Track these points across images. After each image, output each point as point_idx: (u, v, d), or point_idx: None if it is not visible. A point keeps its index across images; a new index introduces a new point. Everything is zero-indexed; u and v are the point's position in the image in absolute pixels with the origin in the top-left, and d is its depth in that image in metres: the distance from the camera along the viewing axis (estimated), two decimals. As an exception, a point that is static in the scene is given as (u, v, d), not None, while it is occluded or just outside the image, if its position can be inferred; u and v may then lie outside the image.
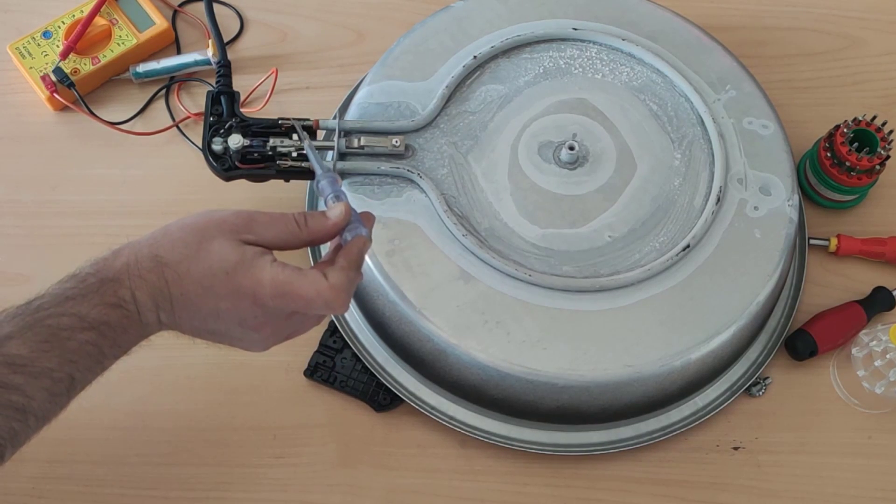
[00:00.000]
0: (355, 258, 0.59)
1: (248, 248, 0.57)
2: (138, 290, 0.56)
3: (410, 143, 0.76)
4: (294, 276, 0.56)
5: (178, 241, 0.57)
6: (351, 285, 0.58)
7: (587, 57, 0.81)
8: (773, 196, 0.76)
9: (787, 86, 0.91)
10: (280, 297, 0.57)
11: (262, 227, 0.58)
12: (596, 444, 0.75)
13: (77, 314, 0.55)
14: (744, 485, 0.76)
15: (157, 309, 0.57)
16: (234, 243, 0.57)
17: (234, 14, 0.93)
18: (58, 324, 0.55)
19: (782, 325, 0.80)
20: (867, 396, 0.77)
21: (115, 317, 0.56)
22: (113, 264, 0.57)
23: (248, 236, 0.57)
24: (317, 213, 0.60)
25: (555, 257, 0.73)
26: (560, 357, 0.69)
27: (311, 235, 0.60)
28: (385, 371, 0.76)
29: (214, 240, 0.57)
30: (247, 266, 0.56)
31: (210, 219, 0.58)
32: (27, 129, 0.87)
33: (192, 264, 0.56)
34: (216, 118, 0.75)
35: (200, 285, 0.56)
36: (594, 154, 0.77)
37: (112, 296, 0.56)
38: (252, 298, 0.56)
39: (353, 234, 0.60)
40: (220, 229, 0.57)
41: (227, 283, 0.56)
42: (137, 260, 0.57)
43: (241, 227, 0.58)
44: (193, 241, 0.57)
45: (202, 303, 0.57)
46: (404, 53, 0.80)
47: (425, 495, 0.74)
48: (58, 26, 0.87)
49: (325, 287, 0.56)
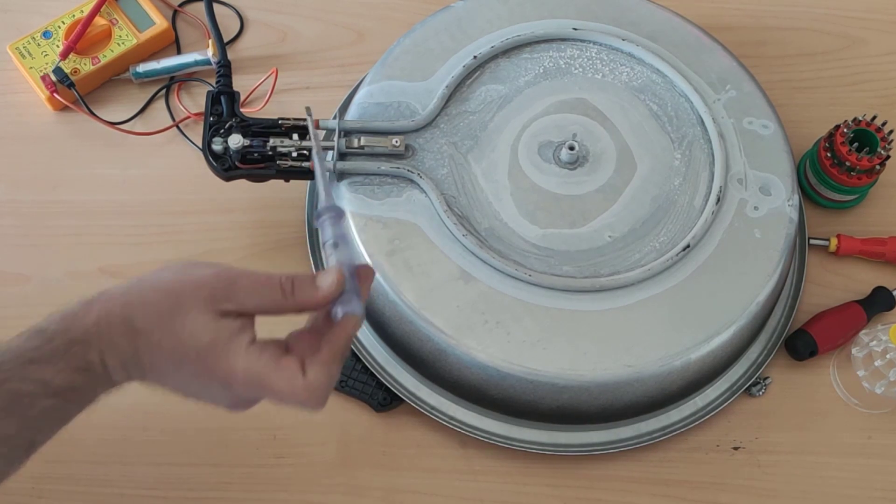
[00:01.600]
0: (341, 347, 0.54)
1: (224, 325, 0.52)
2: (108, 355, 0.52)
3: (410, 143, 0.76)
4: (269, 369, 0.52)
5: (152, 306, 0.52)
6: (331, 381, 0.53)
7: (587, 57, 0.81)
8: (773, 196, 0.76)
9: (787, 86, 0.91)
10: (251, 388, 0.53)
11: (243, 293, 0.53)
12: (596, 444, 0.75)
13: (41, 380, 0.51)
14: (744, 485, 0.76)
15: (126, 372, 0.53)
16: (210, 317, 0.52)
17: (234, 14, 0.93)
18: (19, 389, 0.50)
19: (782, 325, 0.80)
20: (867, 396, 0.77)
21: (81, 380, 0.52)
22: (83, 322, 0.52)
23: (226, 305, 0.52)
24: (307, 279, 0.54)
25: (555, 257, 0.73)
26: (560, 357, 0.69)
27: (297, 306, 0.54)
28: (385, 371, 0.76)
29: (190, 311, 0.52)
30: (220, 349, 0.52)
31: (187, 280, 0.53)
32: (27, 129, 0.87)
33: (164, 336, 0.52)
34: (216, 118, 0.75)
35: (171, 360, 0.52)
36: (594, 154, 0.77)
37: (80, 359, 0.52)
38: (222, 382, 0.53)
39: (345, 310, 0.54)
40: (197, 297, 0.52)
41: (197, 363, 0.52)
42: (109, 321, 0.52)
43: (219, 294, 0.52)
44: (168, 308, 0.52)
45: (173, 375, 0.53)
46: (404, 53, 0.80)
47: (425, 495, 0.74)
48: (58, 26, 0.87)
49: (301, 386, 0.52)
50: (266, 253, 0.82)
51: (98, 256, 0.81)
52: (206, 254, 0.82)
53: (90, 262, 0.81)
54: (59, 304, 0.78)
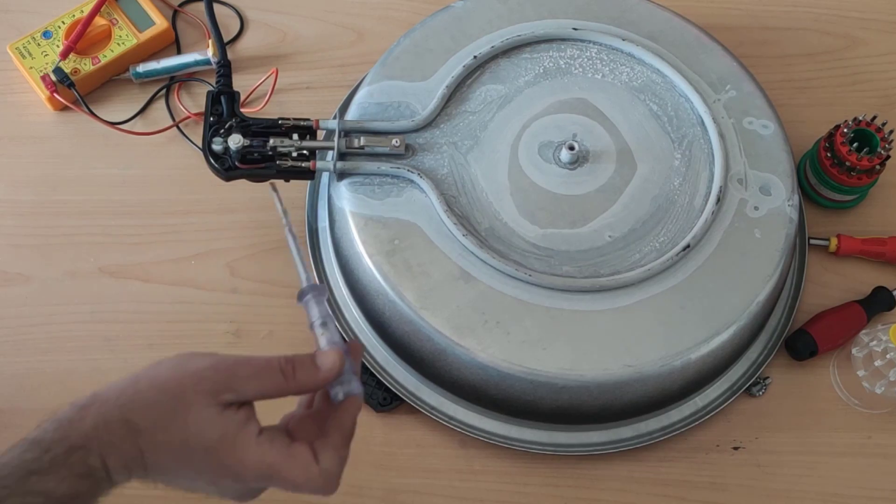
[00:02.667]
0: (350, 429, 0.54)
1: (230, 418, 0.52)
2: (109, 458, 0.50)
3: (410, 143, 0.76)
4: (282, 459, 0.52)
5: (151, 405, 0.51)
6: (343, 465, 0.53)
7: (587, 57, 0.81)
8: (773, 196, 0.76)
9: (787, 86, 0.91)
10: (265, 480, 0.52)
11: (243, 381, 0.52)
12: (596, 444, 0.75)
13: (44, 492, 0.49)
14: (744, 485, 0.76)
15: (129, 473, 0.52)
16: (214, 411, 0.51)
17: (234, 14, 0.93)
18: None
19: (782, 325, 0.80)
20: (867, 396, 0.77)
21: (84, 486, 0.50)
22: (80, 427, 0.50)
23: (227, 396, 0.52)
24: (306, 361, 0.54)
25: (555, 257, 0.72)
26: (560, 357, 0.69)
27: (298, 388, 0.54)
28: (385, 371, 0.76)
29: (191, 408, 0.51)
30: (229, 444, 0.51)
31: (185, 374, 0.52)
32: (27, 129, 0.87)
33: (168, 435, 0.51)
34: (216, 118, 0.75)
35: (177, 459, 0.51)
36: (594, 154, 0.77)
37: (82, 465, 0.50)
38: (233, 477, 0.52)
39: (346, 391, 0.55)
40: (197, 391, 0.51)
41: (206, 460, 0.51)
42: (107, 424, 0.51)
43: (220, 386, 0.52)
44: (168, 406, 0.51)
45: (179, 473, 0.52)
46: (404, 53, 0.80)
47: (425, 495, 0.74)
48: (58, 26, 0.87)
49: (316, 474, 0.52)
50: (266, 253, 0.82)
51: (98, 256, 0.82)
52: (206, 254, 0.82)
53: (90, 262, 0.81)
54: (59, 303, 0.80)
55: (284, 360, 0.54)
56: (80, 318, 0.80)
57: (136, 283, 0.81)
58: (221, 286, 0.81)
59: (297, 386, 0.54)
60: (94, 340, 0.79)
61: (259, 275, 0.81)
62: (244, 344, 0.79)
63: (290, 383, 0.53)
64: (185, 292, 0.81)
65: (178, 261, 0.82)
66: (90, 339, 0.79)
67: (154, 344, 0.79)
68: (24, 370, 0.78)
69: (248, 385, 0.52)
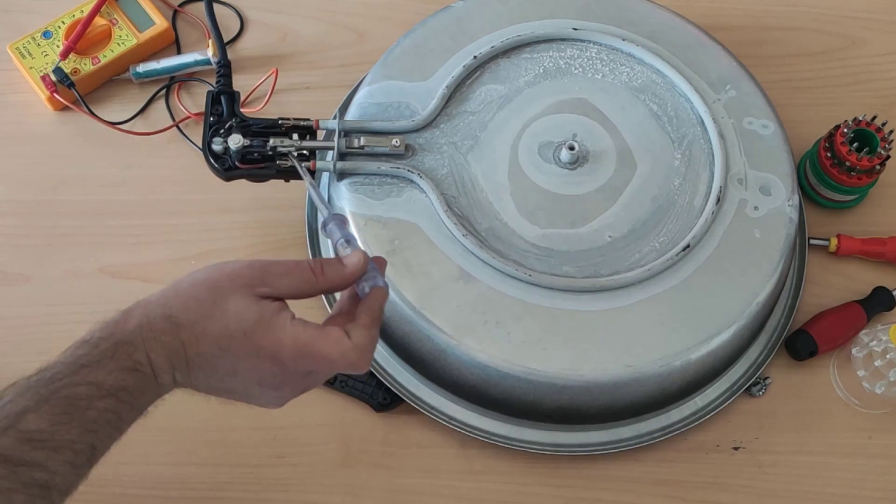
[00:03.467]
0: (377, 313, 0.57)
1: (266, 305, 0.55)
2: (153, 351, 0.54)
3: (410, 143, 0.76)
4: (316, 336, 0.55)
5: (191, 300, 0.55)
6: (374, 343, 0.56)
7: (587, 57, 0.81)
8: (773, 196, 0.76)
9: (787, 86, 0.91)
10: (302, 359, 0.55)
11: (276, 278, 0.56)
12: (596, 444, 0.75)
13: (94, 382, 0.52)
14: (744, 485, 0.76)
15: (172, 370, 0.55)
16: (251, 299, 0.55)
17: (234, 14, 0.93)
18: (75, 394, 0.52)
19: (782, 325, 0.80)
20: (867, 396, 0.77)
21: (132, 381, 0.53)
22: (125, 327, 0.54)
23: (263, 289, 0.55)
24: (333, 260, 0.58)
25: (555, 257, 0.73)
26: (560, 357, 0.69)
27: (328, 284, 0.57)
28: (385, 371, 0.76)
29: (230, 297, 0.54)
30: (266, 325, 0.54)
31: (222, 273, 0.56)
32: (27, 129, 0.87)
33: (209, 324, 0.54)
34: (216, 118, 0.75)
35: (218, 346, 0.54)
36: (594, 154, 0.77)
37: (128, 360, 0.53)
38: (272, 359, 0.55)
39: (372, 284, 0.58)
40: (234, 284, 0.55)
41: (245, 343, 0.54)
42: (150, 321, 0.54)
43: (255, 280, 0.55)
44: (208, 298, 0.54)
45: (220, 363, 0.55)
46: (404, 53, 0.80)
47: (425, 495, 0.74)
48: (58, 26, 0.87)
49: (349, 347, 0.55)
50: (266, 253, 0.82)
51: (98, 256, 0.82)
52: (206, 254, 0.82)
53: (90, 262, 0.81)
54: (59, 303, 0.80)
55: (314, 261, 0.57)
56: (80, 318, 0.78)
57: (137, 283, 0.81)
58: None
59: (327, 283, 0.57)
60: (94, 340, 0.79)
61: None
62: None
63: (319, 280, 0.57)
64: (185, 292, 0.81)
65: (178, 261, 0.82)
66: (90, 339, 0.79)
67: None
68: (25, 370, 0.77)
69: (280, 281, 0.56)
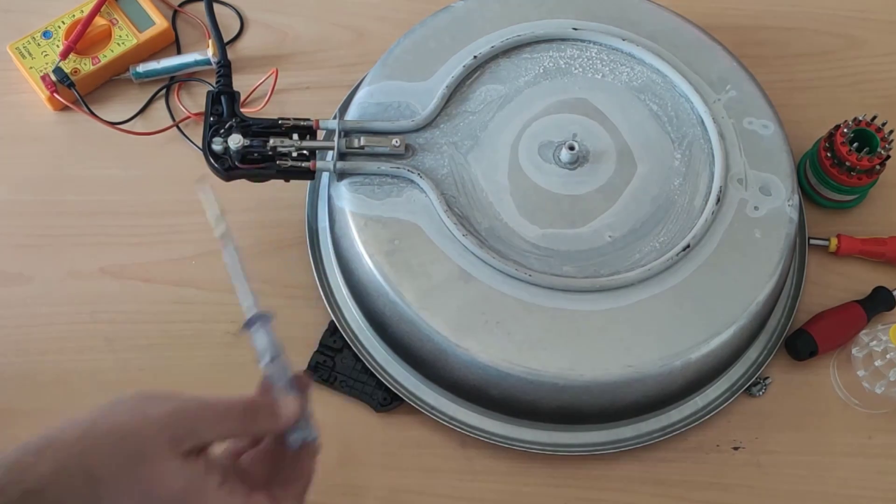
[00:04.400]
0: (309, 478, 0.57)
1: (192, 469, 0.52)
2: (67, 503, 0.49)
3: (410, 143, 0.76)
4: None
5: (111, 454, 0.50)
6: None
7: (587, 57, 0.81)
8: (773, 196, 0.76)
9: (787, 86, 0.91)
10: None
11: (206, 428, 0.53)
12: (596, 444, 0.75)
13: None
14: (744, 485, 0.76)
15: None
16: (177, 463, 0.51)
17: (234, 14, 0.93)
18: None
19: (782, 325, 0.80)
20: (867, 396, 0.77)
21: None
22: (35, 471, 0.49)
23: (190, 443, 0.52)
24: (267, 408, 0.56)
25: (555, 257, 0.72)
26: (560, 357, 0.69)
27: (259, 432, 0.57)
28: (385, 371, 0.76)
29: (154, 459, 0.51)
30: (192, 496, 0.52)
31: (146, 422, 0.51)
32: (27, 129, 0.87)
33: (129, 485, 0.50)
34: (216, 118, 0.75)
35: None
36: (594, 154, 0.77)
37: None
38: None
39: (303, 437, 0.57)
40: (160, 440, 0.51)
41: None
42: (66, 470, 0.49)
43: (183, 432, 0.52)
44: (129, 455, 0.50)
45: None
46: (404, 53, 0.80)
47: (425, 495, 0.74)
48: (58, 26, 0.87)
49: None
50: (266, 253, 0.82)
51: (98, 256, 0.82)
52: (206, 254, 0.81)
53: (90, 262, 0.81)
54: (59, 304, 0.80)
55: (245, 407, 0.55)
56: (80, 318, 0.80)
57: (137, 283, 0.81)
58: (221, 286, 0.81)
59: (258, 430, 0.56)
60: (94, 340, 0.79)
61: (259, 275, 0.81)
62: (244, 344, 0.79)
63: (250, 427, 0.55)
64: (185, 292, 0.81)
65: (178, 261, 0.82)
66: (91, 340, 0.79)
67: (154, 344, 0.79)
68: (25, 370, 0.78)
69: (211, 429, 0.53)
